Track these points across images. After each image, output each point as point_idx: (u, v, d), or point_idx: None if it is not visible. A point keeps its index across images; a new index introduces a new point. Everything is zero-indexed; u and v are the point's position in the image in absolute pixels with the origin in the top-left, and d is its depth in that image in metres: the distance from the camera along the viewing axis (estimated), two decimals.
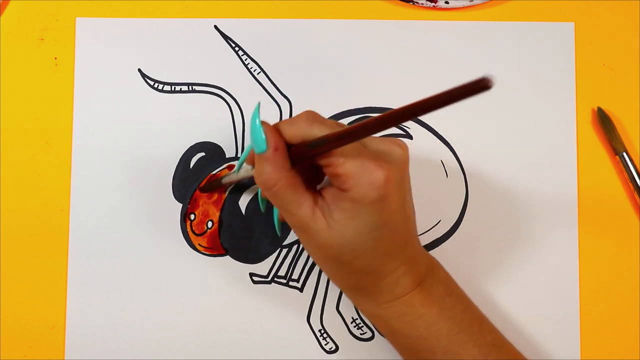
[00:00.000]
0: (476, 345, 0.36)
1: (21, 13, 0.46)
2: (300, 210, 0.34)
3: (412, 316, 0.36)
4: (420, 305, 0.36)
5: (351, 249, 0.34)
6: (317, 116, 0.34)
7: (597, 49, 0.46)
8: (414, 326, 0.36)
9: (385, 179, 0.32)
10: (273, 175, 0.33)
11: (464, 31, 0.46)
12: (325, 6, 0.46)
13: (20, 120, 0.45)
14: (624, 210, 0.45)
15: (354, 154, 0.33)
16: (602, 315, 0.44)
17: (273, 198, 0.34)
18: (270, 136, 0.33)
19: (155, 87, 0.45)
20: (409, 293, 0.36)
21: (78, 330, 0.44)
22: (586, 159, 0.45)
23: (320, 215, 0.34)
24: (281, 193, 0.34)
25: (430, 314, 0.36)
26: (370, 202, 0.32)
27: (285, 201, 0.34)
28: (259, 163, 0.34)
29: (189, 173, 0.45)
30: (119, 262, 0.44)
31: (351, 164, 0.32)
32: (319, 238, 0.34)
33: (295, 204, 0.34)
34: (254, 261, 0.44)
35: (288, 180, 0.34)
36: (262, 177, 0.34)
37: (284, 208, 0.35)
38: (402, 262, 0.36)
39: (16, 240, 0.44)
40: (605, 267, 0.45)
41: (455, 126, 0.45)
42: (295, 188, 0.34)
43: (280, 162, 0.33)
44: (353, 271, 0.35)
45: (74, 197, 0.44)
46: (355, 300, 0.39)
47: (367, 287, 0.36)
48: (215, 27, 0.46)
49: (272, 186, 0.34)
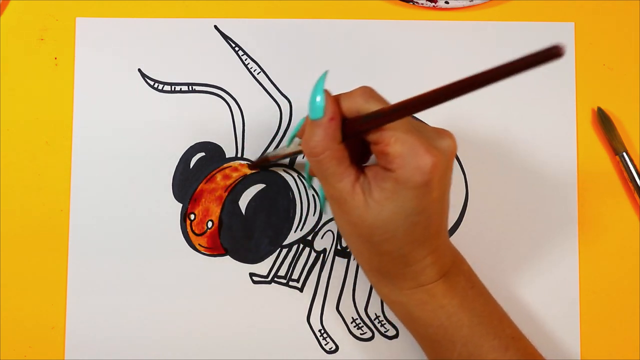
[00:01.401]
0: (496, 337, 0.36)
1: (21, 13, 0.46)
2: (341, 184, 0.34)
3: (433, 305, 0.36)
4: (442, 296, 0.36)
5: (384, 230, 0.34)
6: (373, 92, 0.34)
7: (597, 49, 0.46)
8: (434, 315, 0.36)
9: (433, 166, 0.32)
10: (322, 144, 0.33)
11: (464, 31, 0.46)
12: (325, 6, 0.46)
13: (20, 120, 0.45)
14: (624, 210, 0.45)
15: (405, 135, 0.32)
16: (602, 315, 0.44)
17: (317, 166, 0.34)
18: (330, 104, 0.33)
19: (155, 87, 0.45)
20: (433, 283, 0.36)
21: (78, 330, 0.44)
22: (586, 159, 0.45)
23: (360, 192, 0.34)
24: (326, 163, 0.34)
25: (452, 304, 0.36)
26: (413, 186, 0.32)
27: (329, 172, 0.34)
28: (311, 128, 0.34)
29: (189, 173, 0.45)
30: (119, 262, 0.44)
31: (401, 145, 0.32)
32: (354, 214, 0.34)
33: (337, 177, 0.34)
34: (254, 261, 0.44)
35: (335, 152, 0.34)
36: (311, 143, 0.34)
37: (326, 179, 0.34)
38: (430, 252, 0.35)
39: (16, 240, 0.44)
40: (605, 267, 0.45)
41: (455, 126, 0.45)
42: (340, 160, 0.34)
43: (333, 131, 0.33)
44: (381, 253, 0.35)
45: (74, 197, 0.44)
46: (376, 284, 0.38)
47: (392, 271, 0.36)
48: (215, 27, 0.46)
49: (318, 154, 0.34)
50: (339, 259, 0.45)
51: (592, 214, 0.45)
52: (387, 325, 0.44)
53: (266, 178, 0.45)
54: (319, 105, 0.33)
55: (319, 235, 0.45)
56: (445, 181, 0.34)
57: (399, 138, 0.32)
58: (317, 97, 0.34)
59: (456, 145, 0.35)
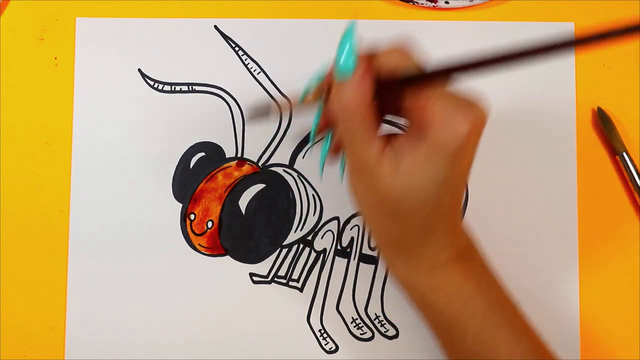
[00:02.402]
0: (510, 328, 0.35)
1: (21, 13, 0.46)
2: (369, 150, 0.32)
3: (449, 289, 0.35)
4: (459, 279, 0.35)
5: (414, 201, 0.32)
6: (410, 51, 0.32)
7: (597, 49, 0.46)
8: (450, 300, 0.35)
9: (469, 130, 0.31)
10: (354, 102, 0.31)
11: (464, 31, 0.46)
12: (325, 6, 0.46)
13: (20, 120, 0.45)
14: (624, 210, 0.45)
15: (443, 99, 0.31)
16: (602, 315, 0.44)
17: (346, 128, 0.32)
18: (363, 60, 0.31)
19: (155, 87, 0.45)
20: (450, 265, 0.35)
21: (78, 330, 0.44)
22: (586, 159, 0.45)
23: (388, 160, 0.32)
24: (356, 123, 0.31)
25: (467, 289, 0.35)
26: (448, 153, 0.31)
27: (358, 134, 0.32)
28: (339, 87, 0.32)
29: (189, 173, 0.45)
30: (119, 262, 0.44)
31: (440, 109, 0.31)
32: (381, 184, 0.32)
33: (367, 140, 0.32)
34: (254, 261, 0.44)
35: (367, 114, 0.31)
36: (342, 102, 0.31)
37: (353, 143, 0.32)
38: (450, 230, 0.34)
39: (16, 240, 0.44)
40: (605, 267, 0.45)
41: None
42: (370, 123, 0.32)
43: (365, 89, 0.31)
44: (405, 226, 0.33)
45: (74, 197, 0.44)
46: (393, 262, 0.36)
47: (411, 247, 0.34)
48: (215, 27, 0.46)
49: (350, 114, 0.31)
50: (339, 259, 0.45)
51: (592, 214, 0.45)
52: (387, 325, 0.44)
53: (266, 178, 0.45)
54: (350, 60, 0.31)
55: (319, 235, 0.45)
56: (474, 150, 0.33)
57: (437, 102, 0.31)
58: (346, 51, 0.31)
59: (487, 113, 0.32)
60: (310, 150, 0.45)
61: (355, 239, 0.45)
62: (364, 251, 0.45)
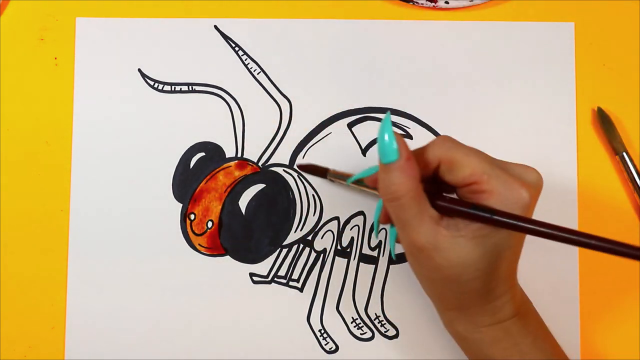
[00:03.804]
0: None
1: (21, 13, 0.46)
2: (424, 227, 0.33)
3: (508, 343, 0.35)
4: (517, 333, 0.35)
5: (475, 268, 0.33)
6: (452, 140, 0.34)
7: (597, 49, 0.46)
8: (508, 353, 0.35)
9: (531, 199, 0.32)
10: (404, 186, 0.32)
11: (464, 31, 0.46)
12: (325, 6, 0.46)
13: (20, 120, 0.45)
14: (624, 210, 0.45)
15: (496, 172, 0.32)
16: (602, 315, 0.44)
17: (398, 211, 0.33)
18: (403, 145, 0.32)
19: (155, 87, 0.45)
20: (510, 320, 0.35)
21: (78, 330, 0.44)
22: (586, 159, 0.45)
23: (446, 234, 0.33)
24: (408, 205, 0.32)
25: (525, 343, 0.35)
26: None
27: (411, 214, 0.33)
28: (386, 173, 0.33)
29: (189, 173, 0.45)
30: (119, 262, 0.44)
31: (495, 180, 0.32)
32: (438, 257, 0.33)
33: (419, 219, 0.33)
34: (254, 261, 0.44)
35: (415, 193, 0.33)
36: (392, 187, 0.32)
37: (407, 223, 0.33)
38: (509, 288, 0.35)
39: (16, 240, 0.44)
40: (605, 267, 0.45)
41: (455, 126, 0.45)
42: (420, 202, 0.33)
43: (412, 172, 0.32)
44: (466, 291, 0.34)
45: (74, 197, 0.44)
46: (451, 322, 0.37)
47: (472, 308, 0.35)
48: (215, 27, 0.46)
49: (402, 196, 0.32)
50: (339, 259, 0.45)
51: (592, 214, 0.45)
52: (387, 325, 0.44)
53: (266, 178, 0.45)
54: (391, 147, 0.32)
55: (319, 235, 0.45)
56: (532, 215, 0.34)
57: (492, 175, 0.32)
58: (391, 140, 0.32)
59: (542, 180, 0.34)
60: (310, 150, 0.45)
61: (355, 239, 0.45)
62: (364, 251, 0.45)
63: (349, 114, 0.45)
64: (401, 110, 0.45)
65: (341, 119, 0.45)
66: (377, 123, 0.45)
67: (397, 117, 0.45)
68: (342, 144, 0.45)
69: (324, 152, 0.45)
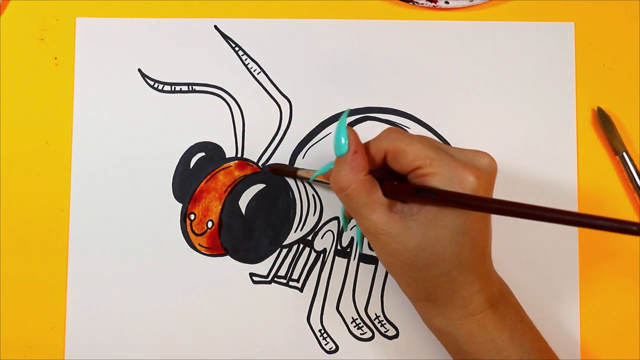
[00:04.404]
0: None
1: (21, 13, 0.46)
2: (375, 214, 0.34)
3: (483, 338, 0.35)
4: (492, 328, 0.35)
5: (430, 253, 0.33)
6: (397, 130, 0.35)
7: (597, 49, 0.46)
8: (484, 348, 0.35)
9: (478, 182, 0.32)
10: (348, 177, 0.34)
11: (464, 31, 0.46)
12: (325, 6, 0.46)
13: (20, 120, 0.45)
14: (624, 210, 0.45)
15: (439, 155, 0.33)
16: (602, 315, 0.44)
17: (347, 201, 0.35)
18: (352, 139, 0.34)
19: (155, 87, 0.45)
20: (483, 312, 0.35)
21: (78, 330, 0.44)
22: (586, 159, 0.45)
23: (398, 219, 0.34)
24: (355, 195, 0.34)
25: (502, 338, 0.35)
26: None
27: (359, 204, 0.34)
28: (337, 165, 0.35)
29: (189, 173, 0.45)
30: (119, 262, 0.44)
31: (439, 164, 0.33)
32: (394, 242, 0.34)
33: (370, 207, 0.34)
34: (254, 261, 0.44)
35: (364, 183, 0.34)
36: (338, 178, 0.34)
37: (358, 212, 0.34)
38: (477, 277, 0.35)
39: (16, 240, 0.44)
40: (605, 267, 0.45)
41: (455, 126, 0.45)
42: (369, 191, 0.34)
43: (358, 164, 0.34)
44: (428, 279, 0.35)
45: (74, 197, 0.44)
46: (426, 314, 0.37)
47: (441, 298, 0.35)
48: (215, 27, 0.46)
49: (346, 187, 0.34)
50: (339, 259, 0.45)
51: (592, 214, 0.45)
52: (387, 325, 0.44)
53: (266, 178, 0.45)
54: (341, 141, 0.34)
55: (319, 235, 0.45)
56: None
57: (435, 159, 0.33)
58: (340, 135, 0.35)
59: (496, 165, 0.35)
60: (310, 150, 0.45)
61: (355, 239, 0.45)
62: (364, 251, 0.45)
63: (349, 114, 0.45)
64: (401, 110, 0.45)
65: None
66: (377, 123, 0.45)
67: (397, 117, 0.45)
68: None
69: (324, 152, 0.45)
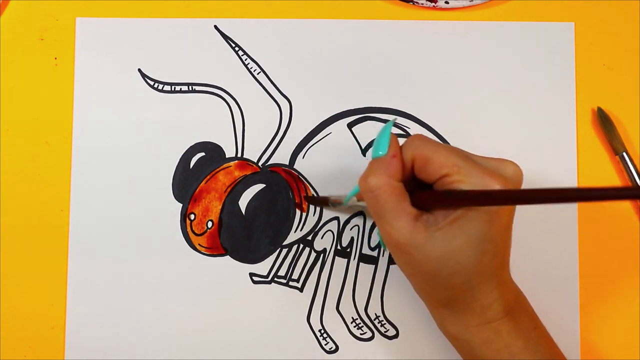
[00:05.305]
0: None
1: (21, 13, 0.46)
2: (400, 221, 0.33)
3: (498, 344, 0.35)
4: (507, 335, 0.35)
5: (454, 262, 0.33)
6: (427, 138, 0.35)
7: (597, 49, 0.46)
8: (499, 354, 0.35)
9: (502, 188, 0.32)
10: (381, 179, 0.34)
11: (464, 31, 0.46)
12: (325, 6, 0.46)
13: (20, 120, 0.45)
14: (624, 210, 0.45)
15: (466, 164, 0.33)
16: (602, 315, 0.44)
17: (374, 202, 0.34)
18: (394, 144, 0.35)
19: (155, 87, 0.45)
20: (499, 320, 0.35)
21: (78, 330, 0.44)
22: (586, 159, 0.45)
23: (422, 229, 0.33)
24: (383, 198, 0.34)
25: (516, 344, 0.35)
26: (483, 211, 0.32)
27: (386, 208, 0.34)
28: (371, 165, 0.35)
29: (189, 173, 0.45)
30: (119, 262, 0.44)
31: (466, 172, 0.33)
32: (417, 253, 0.33)
33: (396, 214, 0.33)
34: (254, 261, 0.44)
35: (394, 189, 0.34)
36: (370, 178, 0.34)
37: (383, 216, 0.34)
38: (496, 285, 0.35)
39: (16, 240, 0.44)
40: (605, 267, 0.45)
41: (455, 126, 0.45)
42: (399, 197, 0.34)
43: (393, 168, 0.34)
44: (449, 287, 0.34)
45: (74, 197, 0.44)
46: (442, 321, 0.37)
47: (460, 305, 0.35)
48: (215, 27, 0.46)
49: (376, 189, 0.34)
50: (339, 259, 0.45)
51: (592, 214, 0.45)
52: (387, 325, 0.44)
53: (266, 178, 0.45)
54: (384, 142, 0.35)
55: (319, 235, 0.45)
56: (512, 209, 0.34)
57: (462, 166, 0.33)
58: (384, 137, 0.35)
59: (522, 173, 0.35)
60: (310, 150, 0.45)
61: (355, 239, 0.45)
62: (364, 251, 0.45)
63: (349, 114, 0.45)
64: (401, 110, 0.45)
65: (341, 119, 0.45)
66: (377, 123, 0.45)
67: (397, 117, 0.45)
68: (342, 144, 0.45)
69: (324, 152, 0.45)
